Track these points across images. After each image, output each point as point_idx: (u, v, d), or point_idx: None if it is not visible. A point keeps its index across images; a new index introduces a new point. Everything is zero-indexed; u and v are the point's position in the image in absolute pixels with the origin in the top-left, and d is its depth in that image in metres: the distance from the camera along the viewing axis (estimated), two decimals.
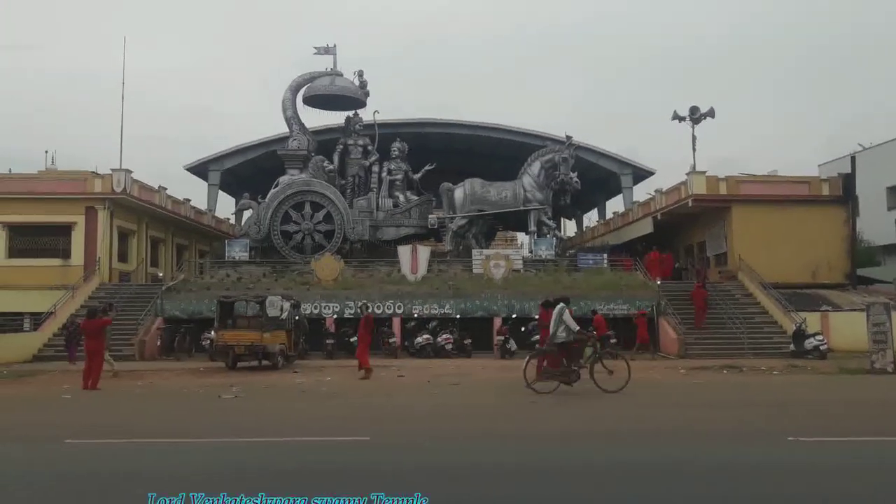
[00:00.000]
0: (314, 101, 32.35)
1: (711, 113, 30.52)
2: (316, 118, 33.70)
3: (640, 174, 36.70)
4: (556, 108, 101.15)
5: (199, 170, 36.13)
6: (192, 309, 24.98)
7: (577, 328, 13.68)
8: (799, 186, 29.16)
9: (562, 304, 13.88)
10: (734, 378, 16.78)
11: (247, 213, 32.14)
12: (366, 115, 32.58)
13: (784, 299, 24.90)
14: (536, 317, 20.20)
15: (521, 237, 47.02)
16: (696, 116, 30.69)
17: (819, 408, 11.74)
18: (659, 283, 26.39)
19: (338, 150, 32.03)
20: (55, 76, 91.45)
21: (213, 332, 21.19)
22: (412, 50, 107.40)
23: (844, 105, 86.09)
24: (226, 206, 39.00)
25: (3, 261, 27.67)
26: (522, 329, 23.98)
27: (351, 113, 32.70)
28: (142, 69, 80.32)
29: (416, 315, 25.04)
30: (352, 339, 23.46)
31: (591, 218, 45.21)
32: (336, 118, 33.69)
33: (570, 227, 48.94)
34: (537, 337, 19.75)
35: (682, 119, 30.86)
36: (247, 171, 36.06)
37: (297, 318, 21.59)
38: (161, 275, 28.79)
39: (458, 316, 24.98)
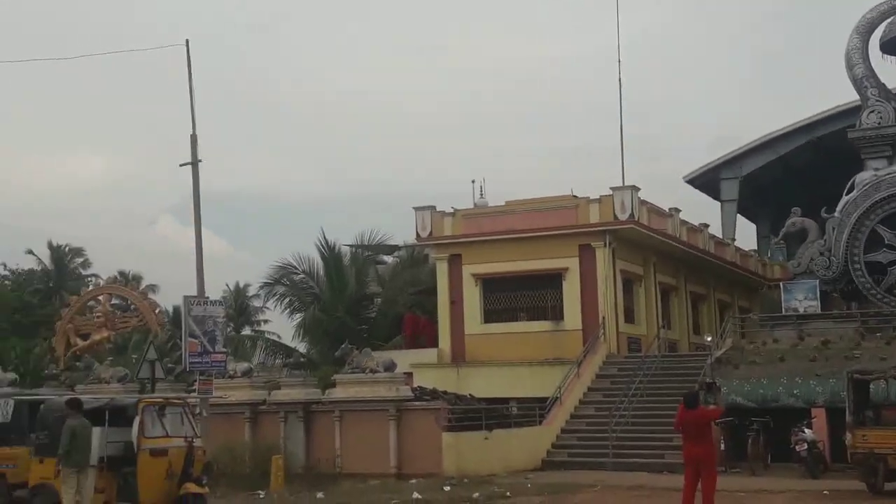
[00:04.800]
0: None
1: None
2: None
3: None
4: None
5: (706, 180, 28.80)
6: (761, 392, 17.04)
7: None
8: None
9: None
10: None
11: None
12: None
13: None
14: None
15: None
16: None
17: None
18: None
19: None
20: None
21: (847, 434, 13.21)
22: None
23: None
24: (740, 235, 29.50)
25: (478, 327, 21.34)
26: None
27: None
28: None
29: None
30: None
31: None
32: None
33: None
34: None
35: None
36: (770, 176, 28.20)
37: None
38: (709, 339, 19.53)
39: None
